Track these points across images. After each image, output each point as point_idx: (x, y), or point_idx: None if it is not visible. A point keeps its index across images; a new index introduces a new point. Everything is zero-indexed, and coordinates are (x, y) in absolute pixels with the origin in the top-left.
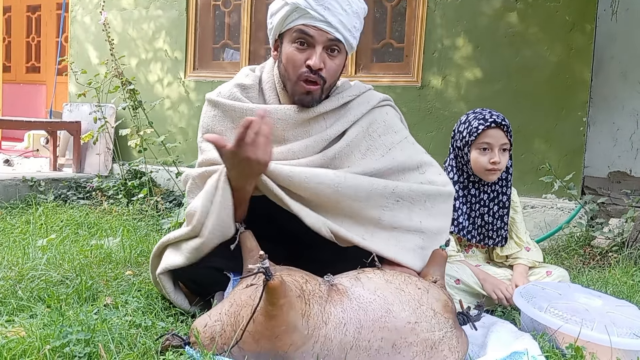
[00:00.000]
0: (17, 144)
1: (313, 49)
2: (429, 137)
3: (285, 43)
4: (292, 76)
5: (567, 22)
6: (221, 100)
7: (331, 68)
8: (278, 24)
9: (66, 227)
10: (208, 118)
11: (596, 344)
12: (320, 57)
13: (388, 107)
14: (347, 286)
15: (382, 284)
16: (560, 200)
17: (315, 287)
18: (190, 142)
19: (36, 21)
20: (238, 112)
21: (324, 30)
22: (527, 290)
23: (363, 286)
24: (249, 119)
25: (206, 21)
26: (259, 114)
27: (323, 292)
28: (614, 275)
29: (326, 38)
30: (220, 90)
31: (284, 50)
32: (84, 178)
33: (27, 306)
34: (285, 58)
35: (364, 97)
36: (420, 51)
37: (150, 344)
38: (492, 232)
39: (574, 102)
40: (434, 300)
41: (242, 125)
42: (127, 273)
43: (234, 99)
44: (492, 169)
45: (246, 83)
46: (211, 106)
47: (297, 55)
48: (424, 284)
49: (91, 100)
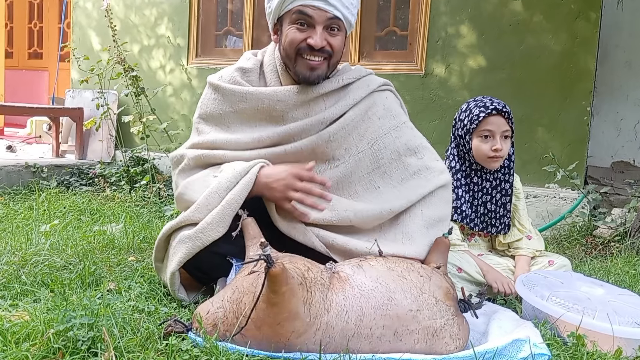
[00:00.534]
0: (19, 130)
1: (313, 29)
2: (432, 125)
3: (284, 25)
4: (292, 54)
5: (572, 10)
6: (222, 85)
7: (335, 44)
8: (276, 7)
9: (69, 213)
10: (208, 100)
11: (598, 333)
12: (322, 36)
13: (388, 91)
14: (349, 274)
15: (384, 272)
16: (563, 189)
17: (317, 274)
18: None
19: (38, 7)
20: (237, 95)
21: (323, 10)
22: (529, 278)
23: (365, 274)
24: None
25: (209, 8)
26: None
27: (325, 280)
28: (616, 264)
29: (325, 17)
30: (222, 74)
31: (284, 32)
32: (87, 164)
33: (31, 291)
34: (286, 39)
35: (364, 80)
36: (424, 39)
37: (154, 328)
38: (495, 220)
39: (578, 92)
40: (435, 288)
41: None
42: (130, 259)
43: (234, 82)
44: (493, 157)
45: (247, 66)
46: (212, 89)
47: (298, 35)
48: (426, 271)
49: (94, 86)
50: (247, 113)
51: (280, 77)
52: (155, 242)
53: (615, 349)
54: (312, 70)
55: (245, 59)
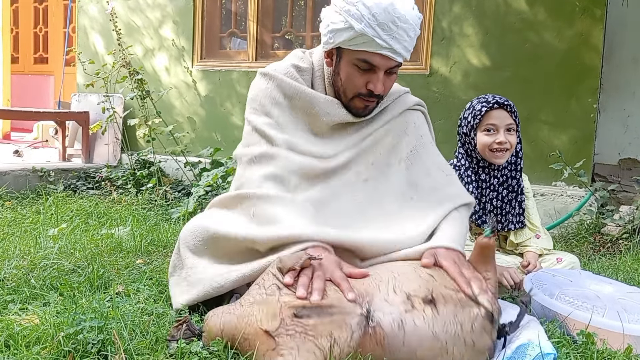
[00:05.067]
0: (26, 134)
1: (374, 73)
2: (438, 125)
3: (344, 59)
4: (350, 94)
5: (577, 7)
6: (277, 75)
7: (388, 86)
8: (340, 42)
9: (76, 216)
10: (259, 90)
11: (607, 331)
12: (382, 81)
13: (419, 112)
14: (386, 333)
15: (427, 341)
16: (570, 187)
17: (344, 345)
18: (198, 132)
19: (43, 12)
20: (293, 89)
21: (389, 58)
22: (538, 277)
23: (404, 340)
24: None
25: (213, 10)
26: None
27: (352, 347)
28: (624, 262)
29: (389, 65)
30: (276, 67)
31: (342, 66)
32: (93, 168)
33: (40, 294)
34: (345, 76)
35: (401, 99)
36: (429, 38)
37: (163, 332)
38: (501, 217)
39: (584, 89)
40: (475, 354)
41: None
42: (138, 262)
43: (291, 76)
44: (497, 149)
45: (302, 66)
46: (265, 79)
47: (358, 78)
48: (473, 336)
49: (99, 90)
50: (296, 110)
51: (326, 88)
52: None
53: (626, 347)
54: (364, 109)
55: (299, 58)
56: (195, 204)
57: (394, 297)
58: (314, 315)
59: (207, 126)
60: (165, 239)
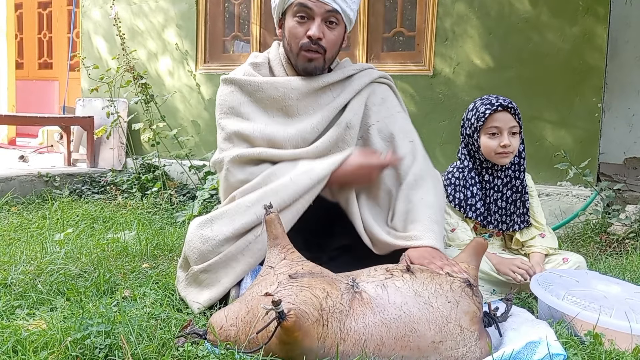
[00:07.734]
0: (31, 139)
1: (313, 21)
2: (442, 126)
3: (287, 19)
4: (295, 48)
5: (580, 6)
6: (236, 77)
7: (330, 39)
8: (280, 2)
9: (82, 221)
10: (225, 95)
11: (615, 331)
12: (319, 28)
13: (386, 85)
14: (372, 296)
15: (410, 298)
16: (575, 187)
17: (336, 300)
18: (202, 135)
19: (47, 17)
20: (253, 85)
21: (322, 2)
22: (545, 277)
23: (389, 298)
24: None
25: (216, 13)
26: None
27: (344, 305)
28: (631, 262)
29: (324, 9)
30: (235, 71)
31: (286, 25)
32: (98, 173)
33: (47, 299)
34: (288, 32)
35: (366, 71)
36: (432, 39)
37: (169, 337)
38: (506, 217)
39: (589, 88)
40: (462, 315)
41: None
42: (144, 266)
43: (248, 74)
44: (502, 152)
45: (257, 61)
46: (227, 84)
47: (298, 28)
48: (455, 295)
49: (103, 95)
50: (264, 103)
51: (285, 69)
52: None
53: (634, 347)
54: (309, 62)
55: (254, 57)
56: (200, 208)
57: (374, 272)
58: (307, 276)
59: (211, 129)
60: (171, 242)
